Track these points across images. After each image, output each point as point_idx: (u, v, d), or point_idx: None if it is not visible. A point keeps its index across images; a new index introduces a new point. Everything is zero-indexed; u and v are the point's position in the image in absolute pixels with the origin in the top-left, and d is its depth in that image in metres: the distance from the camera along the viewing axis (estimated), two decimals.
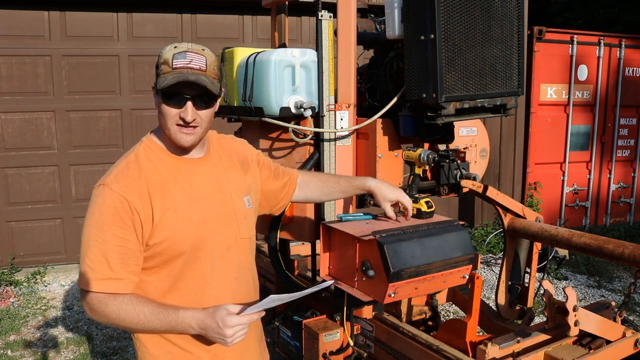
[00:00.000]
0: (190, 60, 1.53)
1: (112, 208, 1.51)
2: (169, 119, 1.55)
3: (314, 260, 2.88)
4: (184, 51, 1.54)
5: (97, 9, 5.49)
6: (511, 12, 2.32)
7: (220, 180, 1.70)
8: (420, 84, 2.22)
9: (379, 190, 1.96)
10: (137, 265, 1.55)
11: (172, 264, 1.59)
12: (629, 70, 7.07)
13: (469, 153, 2.83)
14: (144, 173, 1.57)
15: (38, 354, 3.99)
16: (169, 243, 1.56)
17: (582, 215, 7.22)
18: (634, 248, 2.26)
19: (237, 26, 5.96)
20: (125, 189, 1.52)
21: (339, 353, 2.38)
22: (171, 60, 1.52)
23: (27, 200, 5.55)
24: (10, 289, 5.10)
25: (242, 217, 1.73)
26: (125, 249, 1.51)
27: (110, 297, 1.50)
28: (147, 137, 1.68)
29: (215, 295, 1.64)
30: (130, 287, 1.54)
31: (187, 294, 1.61)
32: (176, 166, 1.63)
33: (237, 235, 1.71)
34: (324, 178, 2.09)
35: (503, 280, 2.84)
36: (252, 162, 1.86)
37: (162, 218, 1.55)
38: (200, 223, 1.61)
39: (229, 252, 1.68)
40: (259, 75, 2.48)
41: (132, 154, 1.62)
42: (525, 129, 6.66)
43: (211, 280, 1.64)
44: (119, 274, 1.51)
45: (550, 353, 2.27)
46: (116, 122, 5.71)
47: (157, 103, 1.58)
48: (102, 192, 1.53)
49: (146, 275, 1.59)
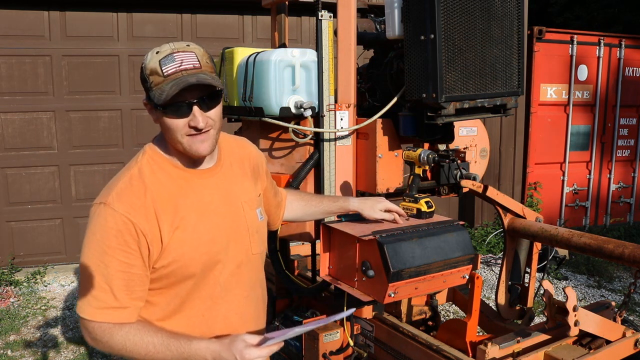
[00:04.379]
0: (182, 62, 1.38)
1: (115, 230, 1.37)
2: (177, 132, 1.41)
3: (314, 260, 2.88)
4: (169, 54, 1.38)
5: (97, 9, 5.49)
6: (511, 12, 2.32)
7: (232, 192, 1.59)
8: (420, 84, 2.22)
9: (363, 208, 1.94)
10: (143, 290, 1.43)
11: (180, 286, 1.48)
12: (629, 70, 7.07)
13: (469, 153, 2.82)
14: (149, 190, 1.42)
15: (38, 354, 3.99)
16: (177, 265, 1.44)
17: (582, 215, 7.22)
18: (634, 248, 2.26)
19: (237, 26, 5.96)
20: (129, 209, 1.38)
21: (339, 353, 2.38)
22: (159, 68, 1.37)
23: (27, 200, 5.55)
24: (10, 289, 5.10)
25: (254, 232, 1.62)
26: (131, 275, 1.39)
27: (116, 327, 1.39)
28: (150, 146, 1.52)
29: (223, 316, 1.55)
30: (136, 315, 1.42)
31: (194, 315, 1.51)
32: (184, 179, 1.49)
33: (248, 251, 1.60)
34: (307, 198, 2.05)
35: (503, 280, 2.84)
36: (261, 169, 1.77)
37: (171, 239, 1.42)
38: (211, 241, 1.49)
39: (239, 270, 1.57)
40: (259, 75, 2.48)
41: (135, 167, 1.47)
42: (525, 129, 6.66)
43: (220, 300, 1.54)
44: (124, 302, 1.39)
45: (550, 353, 2.27)
46: (116, 122, 5.71)
47: (157, 118, 1.44)
48: (104, 212, 1.39)
49: (151, 297, 1.47)
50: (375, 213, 1.94)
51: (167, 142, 1.48)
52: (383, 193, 2.48)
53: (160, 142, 1.52)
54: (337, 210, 2.00)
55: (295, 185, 2.47)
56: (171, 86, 1.35)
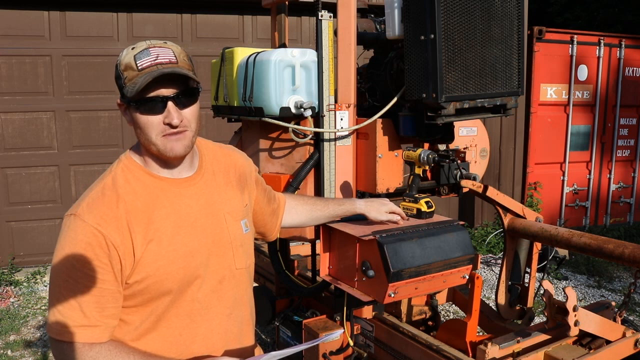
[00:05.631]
0: (157, 56, 1.32)
1: (84, 243, 1.29)
2: (152, 131, 1.35)
3: (314, 260, 2.88)
4: (145, 49, 1.34)
5: (97, 9, 5.49)
6: (511, 12, 2.32)
7: (213, 202, 1.50)
8: (420, 84, 2.22)
9: (369, 211, 1.92)
10: (115, 307, 1.33)
11: (155, 303, 1.38)
12: (629, 70, 7.07)
13: (469, 153, 2.82)
14: (122, 200, 1.35)
15: (38, 354, 3.99)
16: (152, 280, 1.35)
17: (582, 215, 7.22)
18: (634, 248, 2.26)
19: (237, 26, 5.96)
20: (100, 220, 1.30)
21: (339, 353, 2.38)
22: (134, 62, 1.32)
23: (27, 200, 5.55)
24: (10, 289, 5.10)
25: (238, 245, 1.52)
26: (101, 291, 1.30)
27: (85, 347, 1.29)
28: (125, 155, 1.46)
29: (203, 335, 1.46)
30: (107, 333, 1.33)
31: (171, 335, 1.41)
32: (160, 188, 1.41)
33: (232, 266, 1.50)
34: (312, 202, 1.99)
35: (503, 280, 2.84)
36: (249, 177, 1.68)
37: (145, 252, 1.34)
38: (189, 255, 1.40)
39: (221, 286, 1.48)
40: (259, 75, 2.48)
41: (109, 176, 1.40)
42: (525, 129, 6.66)
43: (199, 319, 1.44)
44: (93, 320, 1.29)
45: (550, 353, 2.27)
46: (116, 122, 5.71)
47: (132, 118, 1.37)
48: (74, 224, 1.31)
49: (124, 315, 1.37)
50: (381, 215, 1.93)
51: (142, 145, 1.41)
52: (383, 193, 2.48)
53: (136, 150, 1.46)
54: (343, 213, 1.97)
55: (295, 185, 2.47)
56: (144, 78, 1.29)
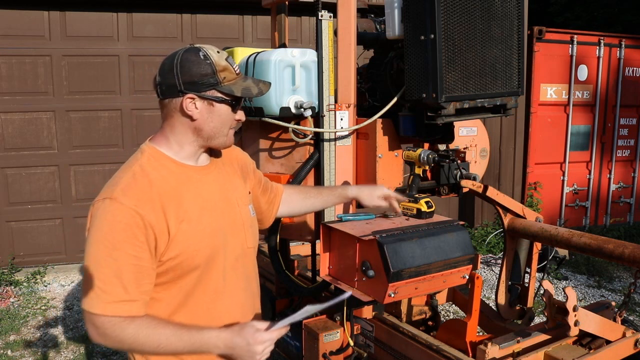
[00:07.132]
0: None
1: (123, 224, 1.39)
2: (228, 124, 1.57)
3: (314, 260, 2.88)
4: (227, 56, 1.56)
5: (97, 9, 5.49)
6: (511, 12, 2.32)
7: (227, 189, 1.66)
8: (420, 84, 2.22)
9: (361, 195, 2.00)
10: (150, 284, 1.45)
11: (185, 279, 1.51)
12: (629, 70, 7.07)
13: (469, 153, 2.82)
14: (154, 184, 1.47)
15: (38, 354, 3.99)
16: (183, 257, 1.48)
17: (582, 215, 7.22)
18: (634, 248, 2.26)
19: (237, 26, 5.96)
20: (137, 202, 1.41)
21: (339, 353, 2.37)
22: (231, 66, 1.53)
23: (27, 200, 5.55)
24: (10, 289, 5.10)
25: (248, 226, 1.70)
26: (139, 268, 1.41)
27: (127, 321, 1.39)
28: (148, 145, 1.57)
29: (226, 308, 1.60)
30: (144, 308, 1.44)
31: (199, 309, 1.55)
32: (185, 175, 1.55)
33: (244, 245, 1.67)
34: (305, 190, 2.10)
35: (503, 280, 2.84)
36: (249, 170, 1.85)
37: (178, 232, 1.46)
38: (213, 234, 1.55)
39: (237, 263, 1.64)
40: (259, 75, 2.47)
41: (136, 164, 1.51)
42: (525, 129, 6.66)
43: (223, 293, 1.59)
44: (133, 295, 1.40)
45: (550, 353, 2.26)
46: (116, 122, 5.71)
47: (207, 111, 1.52)
48: (110, 207, 1.41)
49: (156, 293, 1.49)
50: (374, 200, 1.98)
51: (198, 136, 1.54)
52: None
53: (158, 141, 1.57)
54: (336, 198, 2.06)
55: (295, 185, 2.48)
56: (244, 81, 1.56)
